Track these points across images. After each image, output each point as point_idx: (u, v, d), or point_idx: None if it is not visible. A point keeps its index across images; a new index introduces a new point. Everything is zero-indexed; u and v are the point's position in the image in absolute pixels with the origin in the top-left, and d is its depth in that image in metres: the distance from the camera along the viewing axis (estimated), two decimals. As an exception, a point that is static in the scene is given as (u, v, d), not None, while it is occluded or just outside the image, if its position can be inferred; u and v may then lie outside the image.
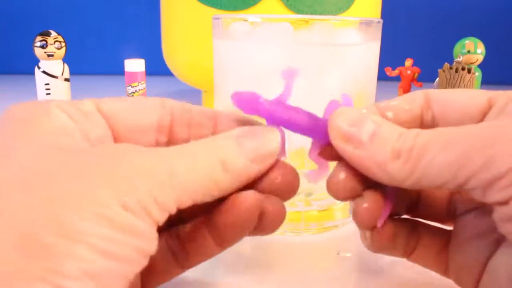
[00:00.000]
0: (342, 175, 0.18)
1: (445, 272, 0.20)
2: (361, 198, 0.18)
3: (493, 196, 0.15)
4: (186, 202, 0.15)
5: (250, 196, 0.17)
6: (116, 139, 0.18)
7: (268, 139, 0.17)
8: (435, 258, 0.20)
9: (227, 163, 0.16)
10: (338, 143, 0.17)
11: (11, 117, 0.16)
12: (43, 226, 0.12)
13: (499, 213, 0.15)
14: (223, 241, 0.18)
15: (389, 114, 0.19)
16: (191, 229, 0.19)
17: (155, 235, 0.14)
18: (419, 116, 0.20)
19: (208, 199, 0.16)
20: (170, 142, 0.19)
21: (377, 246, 0.19)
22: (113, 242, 0.12)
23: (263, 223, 0.18)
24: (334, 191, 0.18)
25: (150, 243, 0.14)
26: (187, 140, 0.19)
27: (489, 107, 0.18)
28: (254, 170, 0.17)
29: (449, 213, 0.20)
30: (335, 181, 0.18)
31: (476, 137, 0.15)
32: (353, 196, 0.18)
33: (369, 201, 0.18)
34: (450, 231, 0.20)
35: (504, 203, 0.15)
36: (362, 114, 0.17)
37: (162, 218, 0.14)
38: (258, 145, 0.17)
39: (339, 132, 0.17)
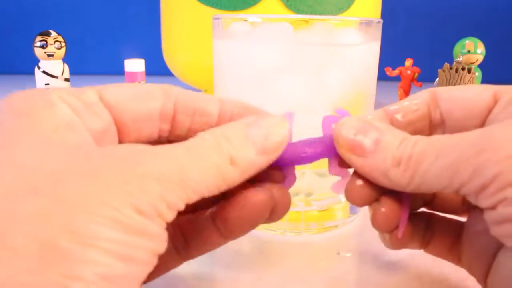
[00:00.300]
0: (359, 182, 0.18)
1: (458, 262, 0.20)
2: (378, 203, 0.19)
3: (483, 202, 0.15)
4: (193, 198, 0.15)
5: (266, 193, 0.17)
6: (119, 129, 0.17)
7: (277, 129, 0.17)
8: (449, 249, 0.21)
9: (235, 157, 0.16)
10: (344, 153, 0.18)
11: (11, 109, 0.15)
12: (57, 232, 0.12)
13: (489, 217, 0.16)
14: (231, 234, 0.18)
15: (398, 117, 0.20)
16: (194, 221, 0.19)
17: (165, 234, 0.14)
18: (427, 115, 0.20)
19: (214, 193, 0.16)
20: (173, 130, 0.19)
21: (396, 245, 0.20)
22: (127, 246, 0.12)
23: (271, 214, 0.18)
24: (353, 198, 0.19)
25: (161, 243, 0.14)
26: (190, 128, 0.18)
27: (495, 102, 0.19)
28: (263, 162, 0.17)
29: (464, 205, 0.21)
30: (353, 188, 0.18)
31: (467, 145, 0.15)
32: (370, 202, 0.19)
33: (386, 206, 0.18)
34: (463, 223, 0.21)
35: (492, 208, 0.15)
36: (365, 122, 0.18)
37: (171, 217, 0.14)
38: (267, 136, 0.16)
39: (343, 142, 0.18)
